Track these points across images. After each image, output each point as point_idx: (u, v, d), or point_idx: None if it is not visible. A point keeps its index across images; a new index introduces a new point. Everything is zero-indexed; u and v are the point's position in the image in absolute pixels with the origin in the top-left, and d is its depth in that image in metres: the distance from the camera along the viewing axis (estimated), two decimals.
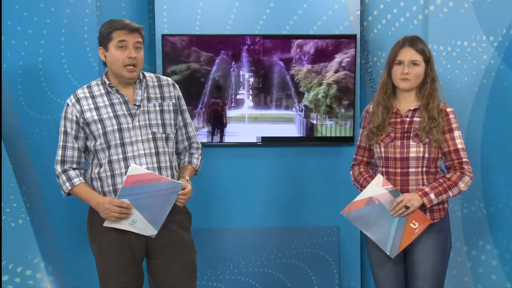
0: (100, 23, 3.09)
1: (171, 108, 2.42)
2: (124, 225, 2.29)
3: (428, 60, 2.42)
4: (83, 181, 2.35)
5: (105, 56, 2.34)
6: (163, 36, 3.30)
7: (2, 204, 2.81)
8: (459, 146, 2.40)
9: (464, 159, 2.40)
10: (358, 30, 3.37)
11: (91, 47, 3.11)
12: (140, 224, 2.29)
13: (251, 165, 3.48)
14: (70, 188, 2.34)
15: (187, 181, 2.39)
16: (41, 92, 3.08)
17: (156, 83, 2.43)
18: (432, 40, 3.12)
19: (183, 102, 2.50)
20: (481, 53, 3.06)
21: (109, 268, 2.34)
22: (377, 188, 2.39)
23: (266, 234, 3.50)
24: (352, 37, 3.33)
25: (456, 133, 2.41)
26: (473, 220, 3.15)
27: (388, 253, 2.40)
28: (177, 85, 2.50)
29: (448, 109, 2.42)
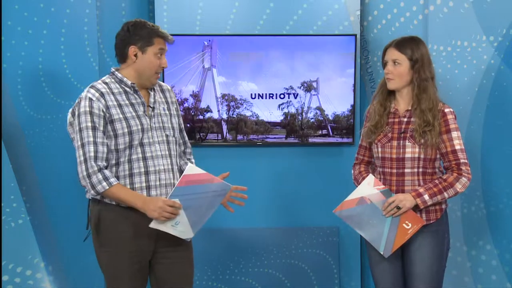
0: (100, 23, 3.12)
1: (176, 112, 2.46)
2: (167, 227, 2.25)
3: (414, 60, 2.38)
4: (118, 181, 2.26)
5: (135, 55, 2.29)
6: None
7: (2, 204, 2.81)
8: (457, 147, 2.38)
9: (462, 160, 2.38)
10: (358, 30, 3.37)
11: (91, 47, 3.11)
12: (181, 227, 2.26)
13: (251, 165, 3.48)
14: (107, 188, 2.22)
15: None
16: (41, 92, 3.07)
17: (158, 88, 2.45)
18: (432, 40, 3.12)
19: (178, 107, 2.53)
20: (481, 53, 3.06)
21: (121, 273, 2.31)
22: (369, 188, 2.38)
23: (266, 234, 3.50)
24: (352, 37, 3.33)
25: (454, 134, 2.38)
26: (473, 220, 3.15)
27: (381, 253, 2.40)
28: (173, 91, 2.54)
29: (446, 110, 2.40)
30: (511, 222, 3.08)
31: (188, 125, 3.37)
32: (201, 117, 3.40)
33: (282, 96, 3.40)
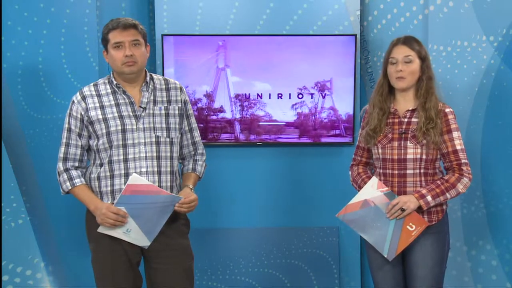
0: (100, 23, 3.12)
1: (177, 112, 2.41)
2: (117, 233, 2.29)
3: (423, 57, 2.38)
4: (84, 182, 2.34)
5: (108, 58, 2.35)
6: (163, 36, 3.31)
7: (2, 204, 2.81)
8: (458, 147, 2.37)
9: (463, 160, 2.37)
10: (358, 30, 3.37)
11: (91, 47, 3.11)
12: (134, 234, 2.29)
13: (251, 165, 3.48)
14: (70, 188, 2.33)
15: (191, 189, 2.38)
16: (41, 92, 3.07)
17: (163, 86, 2.42)
18: (432, 40, 3.12)
19: (189, 106, 2.48)
20: (481, 53, 3.06)
21: (104, 270, 2.34)
22: (372, 190, 2.36)
23: (266, 234, 3.50)
24: (352, 37, 3.33)
25: (455, 134, 2.38)
26: (473, 220, 3.15)
27: (385, 256, 2.38)
28: (184, 89, 2.48)
29: (447, 110, 2.39)
30: (511, 222, 3.08)
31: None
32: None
33: (282, 96, 3.40)
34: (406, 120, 2.41)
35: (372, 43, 3.44)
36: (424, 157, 2.36)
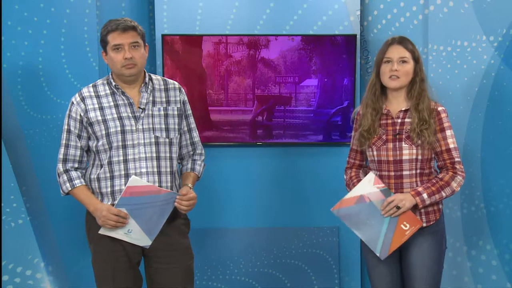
0: (100, 23, 3.11)
1: (176, 112, 2.40)
2: (119, 234, 2.29)
3: (417, 59, 2.37)
4: (84, 183, 2.35)
5: (107, 59, 2.34)
6: (163, 36, 3.31)
7: (2, 204, 2.81)
8: (451, 146, 2.37)
9: (456, 159, 2.37)
10: (358, 30, 3.37)
11: (91, 47, 3.11)
12: (135, 234, 2.29)
13: (251, 165, 3.48)
14: (70, 189, 2.33)
15: (190, 188, 2.38)
16: (41, 92, 3.08)
17: (162, 87, 2.41)
18: (432, 40, 3.12)
19: (188, 107, 2.48)
20: (481, 53, 3.06)
21: (105, 271, 2.34)
22: (369, 186, 2.34)
23: (266, 234, 3.50)
24: (352, 37, 3.33)
25: (448, 133, 2.37)
26: (473, 220, 3.15)
27: (378, 254, 2.36)
28: (183, 90, 2.47)
29: (440, 108, 2.38)
30: (511, 222, 3.08)
31: None
32: None
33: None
34: (399, 120, 2.39)
35: (372, 43, 3.44)
36: (419, 157, 2.35)
